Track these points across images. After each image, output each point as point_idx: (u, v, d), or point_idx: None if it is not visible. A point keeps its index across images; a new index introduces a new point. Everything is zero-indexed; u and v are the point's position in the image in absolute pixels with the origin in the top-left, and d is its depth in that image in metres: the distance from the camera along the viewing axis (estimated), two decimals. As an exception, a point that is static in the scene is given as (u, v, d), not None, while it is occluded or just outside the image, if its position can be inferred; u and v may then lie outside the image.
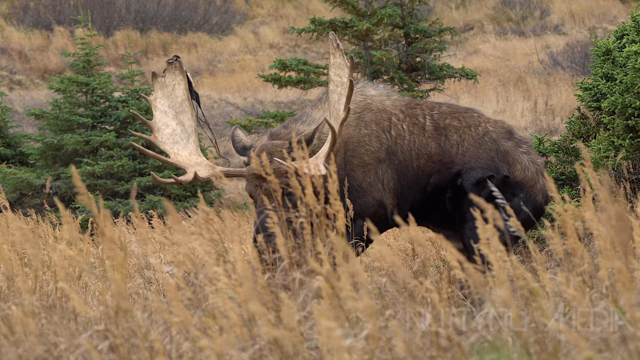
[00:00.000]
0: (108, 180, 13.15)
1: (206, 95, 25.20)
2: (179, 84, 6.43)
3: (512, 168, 5.98)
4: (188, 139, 6.28)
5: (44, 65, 28.32)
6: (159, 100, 6.41)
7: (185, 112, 6.37)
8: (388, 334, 3.60)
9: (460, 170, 5.92)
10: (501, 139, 6.02)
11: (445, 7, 32.62)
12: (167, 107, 6.39)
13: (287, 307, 3.38)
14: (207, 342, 3.44)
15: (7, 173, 13.24)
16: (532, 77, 24.44)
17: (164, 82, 6.45)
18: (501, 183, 5.92)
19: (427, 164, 5.93)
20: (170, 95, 6.42)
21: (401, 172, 5.92)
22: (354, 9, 14.35)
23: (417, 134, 5.97)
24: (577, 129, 8.14)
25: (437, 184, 5.94)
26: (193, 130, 6.31)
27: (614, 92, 7.69)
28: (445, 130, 5.99)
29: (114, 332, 3.66)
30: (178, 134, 6.31)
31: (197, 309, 3.99)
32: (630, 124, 7.58)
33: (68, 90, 13.57)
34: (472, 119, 6.04)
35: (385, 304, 4.02)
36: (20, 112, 22.62)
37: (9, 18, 31.29)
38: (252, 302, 3.35)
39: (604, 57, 8.05)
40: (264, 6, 33.46)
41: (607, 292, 3.76)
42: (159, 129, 6.33)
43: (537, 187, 6.00)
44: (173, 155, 6.21)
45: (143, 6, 31.13)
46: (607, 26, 29.74)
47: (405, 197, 5.94)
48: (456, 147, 5.96)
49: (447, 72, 14.65)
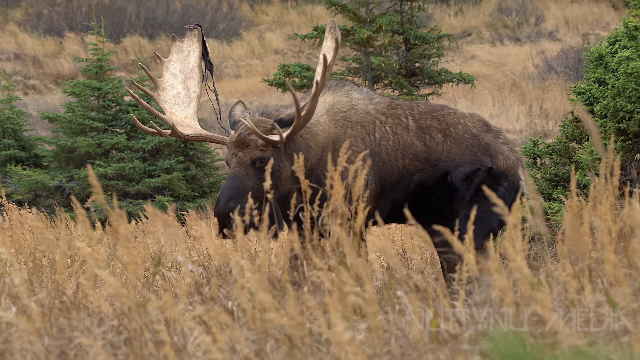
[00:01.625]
0: (119, 182, 13.19)
1: (213, 99, 25.21)
2: (194, 51, 6.48)
3: (494, 159, 6.02)
4: (189, 104, 6.30)
5: (57, 70, 28.36)
6: (173, 63, 6.46)
7: (194, 78, 6.39)
8: (389, 327, 3.63)
9: (448, 168, 5.94)
10: (480, 133, 6.05)
11: (444, 14, 32.63)
12: (178, 70, 6.42)
13: (293, 300, 3.41)
14: (220, 335, 3.46)
15: (22, 175, 13.28)
16: (527, 82, 24.45)
17: (181, 46, 6.51)
18: (486, 174, 5.96)
19: (412, 162, 5.93)
20: (184, 60, 6.46)
21: (385, 174, 5.91)
22: (355, 16, 14.38)
23: (401, 134, 5.96)
24: (570, 132, 8.17)
25: (421, 182, 5.93)
26: (196, 97, 6.33)
27: (606, 96, 7.72)
28: (429, 129, 5.99)
29: (128, 327, 3.67)
30: (181, 98, 6.32)
31: (214, 303, 4.01)
32: (622, 127, 7.60)
33: (81, 94, 13.62)
34: (450, 117, 6.05)
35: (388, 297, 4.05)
36: (35, 115, 22.67)
37: (23, 25, 31.34)
38: (262, 292, 3.38)
39: (596, 63, 8.08)
40: (268, 13, 33.50)
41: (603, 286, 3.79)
42: (165, 88, 6.36)
43: (517, 174, 6.06)
44: (169, 113, 6.22)
45: (152, 13, 31.18)
46: (600, 32, 29.74)
47: (385, 197, 5.93)
48: (441, 145, 5.96)
49: (445, 77, 14.68)
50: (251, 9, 33.68)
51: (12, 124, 14.23)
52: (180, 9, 31.72)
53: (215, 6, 32.89)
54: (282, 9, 33.50)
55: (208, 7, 32.61)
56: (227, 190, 5.63)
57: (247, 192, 5.62)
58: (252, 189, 5.65)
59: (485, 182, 5.90)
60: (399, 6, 14.70)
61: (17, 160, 14.12)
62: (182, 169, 13.45)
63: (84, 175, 13.15)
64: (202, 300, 4.00)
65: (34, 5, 33.13)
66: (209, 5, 32.82)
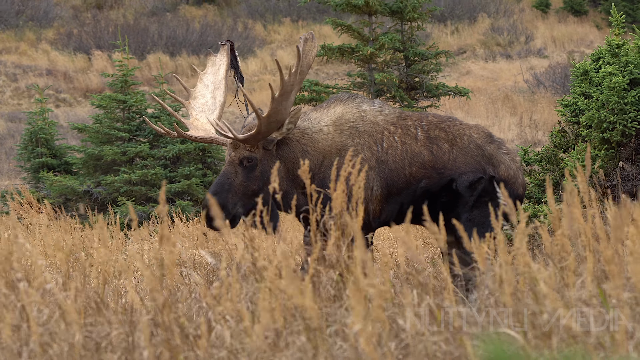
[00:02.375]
0: (142, 187, 13.20)
1: (229, 111, 25.25)
2: (223, 64, 6.56)
3: (497, 168, 6.00)
4: (213, 111, 6.34)
5: (86, 85, 28.43)
6: (207, 75, 6.54)
7: (221, 88, 6.46)
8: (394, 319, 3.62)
9: (453, 176, 5.92)
10: (484, 143, 6.03)
11: (441, 33, 32.62)
12: (210, 81, 6.50)
13: (310, 291, 3.40)
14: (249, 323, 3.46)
15: (53, 180, 13.31)
16: (517, 95, 24.41)
17: (215, 60, 6.60)
18: (489, 182, 5.95)
19: (419, 170, 5.92)
20: (215, 73, 6.54)
21: (391, 180, 5.89)
22: (359, 35, 14.39)
23: (409, 144, 5.95)
24: (558, 141, 8.15)
25: (428, 188, 5.92)
26: (220, 105, 6.37)
27: (591, 109, 7.70)
28: (436, 139, 5.98)
29: (160, 322, 3.65)
30: (208, 106, 6.38)
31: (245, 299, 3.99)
32: (606, 137, 7.59)
33: (108, 107, 13.64)
34: (456, 128, 6.04)
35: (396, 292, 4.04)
36: (65, 126, 22.72)
37: (55, 43, 31.43)
38: (290, 284, 3.37)
39: (582, 78, 8.07)
40: (280, 32, 33.54)
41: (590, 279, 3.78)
42: (196, 97, 6.42)
43: (518, 182, 6.04)
44: (192, 119, 6.28)
45: (173, 32, 31.23)
46: (585, 50, 29.69)
47: (394, 201, 5.92)
48: (447, 154, 5.95)
49: (442, 90, 14.66)
50: (264, 29, 33.72)
51: (44, 134, 14.27)
52: (199, 29, 31.77)
53: (231, 26, 32.92)
54: (293, 28, 33.53)
55: (224, 27, 32.65)
56: (215, 185, 5.74)
57: (233, 188, 5.70)
58: (239, 186, 5.71)
59: (488, 189, 5.89)
60: (399, 26, 14.69)
61: (49, 167, 14.16)
62: (200, 175, 13.46)
63: (111, 181, 13.16)
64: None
65: (65, 25, 33.22)
66: (225, 25, 32.86)
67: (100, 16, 34.20)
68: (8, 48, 31.17)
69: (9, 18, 32.92)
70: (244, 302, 3.81)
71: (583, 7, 33.57)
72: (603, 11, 32.49)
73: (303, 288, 3.43)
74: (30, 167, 14.19)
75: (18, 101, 27.66)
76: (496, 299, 3.58)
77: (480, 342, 3.39)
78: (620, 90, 7.50)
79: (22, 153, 14.30)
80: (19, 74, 28.93)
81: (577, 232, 3.83)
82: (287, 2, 34.71)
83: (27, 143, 14.29)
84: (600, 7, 33.20)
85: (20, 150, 14.35)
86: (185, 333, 3.61)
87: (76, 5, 35.53)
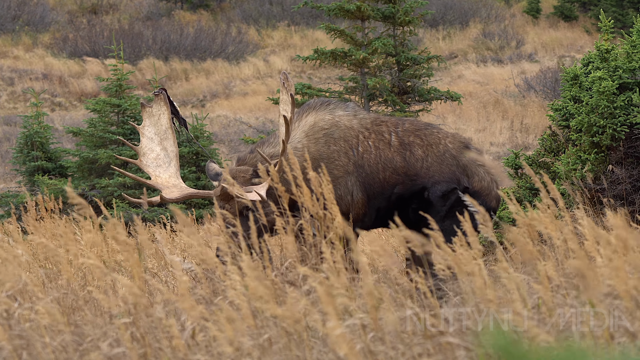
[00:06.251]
0: (136, 191, 13.16)
1: (223, 115, 25.22)
2: (163, 114, 6.23)
3: (471, 180, 5.95)
4: (170, 163, 6.09)
5: (81, 89, 28.37)
6: (147, 127, 6.23)
7: (169, 138, 6.17)
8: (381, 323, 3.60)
9: (426, 184, 5.86)
10: (460, 154, 5.97)
11: (433, 38, 32.65)
12: (153, 134, 6.20)
13: (292, 298, 3.38)
14: (219, 332, 3.44)
15: (48, 183, 13.27)
16: (509, 100, 24.44)
17: (151, 111, 6.28)
18: (462, 193, 5.88)
19: (392, 176, 5.85)
20: (156, 124, 6.23)
21: (368, 184, 5.84)
22: (352, 39, 14.38)
23: (382, 149, 5.88)
24: (548, 145, 8.14)
25: (401, 194, 5.86)
26: (175, 155, 6.11)
27: (580, 113, 7.70)
28: (410, 146, 5.90)
29: (137, 324, 3.64)
30: (161, 158, 6.11)
31: (210, 304, 3.98)
32: (595, 141, 7.58)
33: (102, 110, 13.60)
34: (432, 137, 5.96)
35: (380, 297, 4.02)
36: (60, 130, 22.66)
37: (51, 48, 31.38)
38: (259, 287, 3.35)
39: (572, 82, 8.06)
40: (274, 37, 33.52)
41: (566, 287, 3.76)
42: (145, 153, 6.15)
43: (491, 195, 6.00)
44: (154, 177, 6.04)
45: (167, 37, 31.19)
46: (575, 55, 29.75)
47: (372, 205, 5.88)
48: (421, 161, 5.88)
49: (434, 94, 14.65)
50: (258, 34, 33.70)
51: (40, 138, 14.22)
52: (193, 34, 31.73)
53: (224, 31, 32.89)
54: (286, 33, 33.52)
55: (218, 31, 32.62)
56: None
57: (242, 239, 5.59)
58: (245, 237, 5.47)
59: (460, 201, 5.80)
60: (392, 31, 14.69)
61: (44, 170, 14.12)
62: (194, 179, 13.43)
63: (105, 184, 13.12)
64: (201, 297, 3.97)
65: (60, 30, 33.17)
66: (218, 30, 32.83)
67: (96, 21, 34.16)
68: (4, 52, 31.11)
69: (5, 23, 32.86)
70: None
71: (573, 12, 33.64)
72: (593, 16, 32.58)
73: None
74: (26, 171, 14.15)
75: (14, 105, 27.61)
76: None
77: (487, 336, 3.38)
78: (610, 94, 7.50)
79: (17, 156, 14.25)
80: (15, 78, 28.87)
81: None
82: (280, 7, 34.69)
83: (23, 146, 14.24)
84: (590, 12, 33.28)
85: (16, 153, 14.31)
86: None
87: (72, 10, 35.48)
